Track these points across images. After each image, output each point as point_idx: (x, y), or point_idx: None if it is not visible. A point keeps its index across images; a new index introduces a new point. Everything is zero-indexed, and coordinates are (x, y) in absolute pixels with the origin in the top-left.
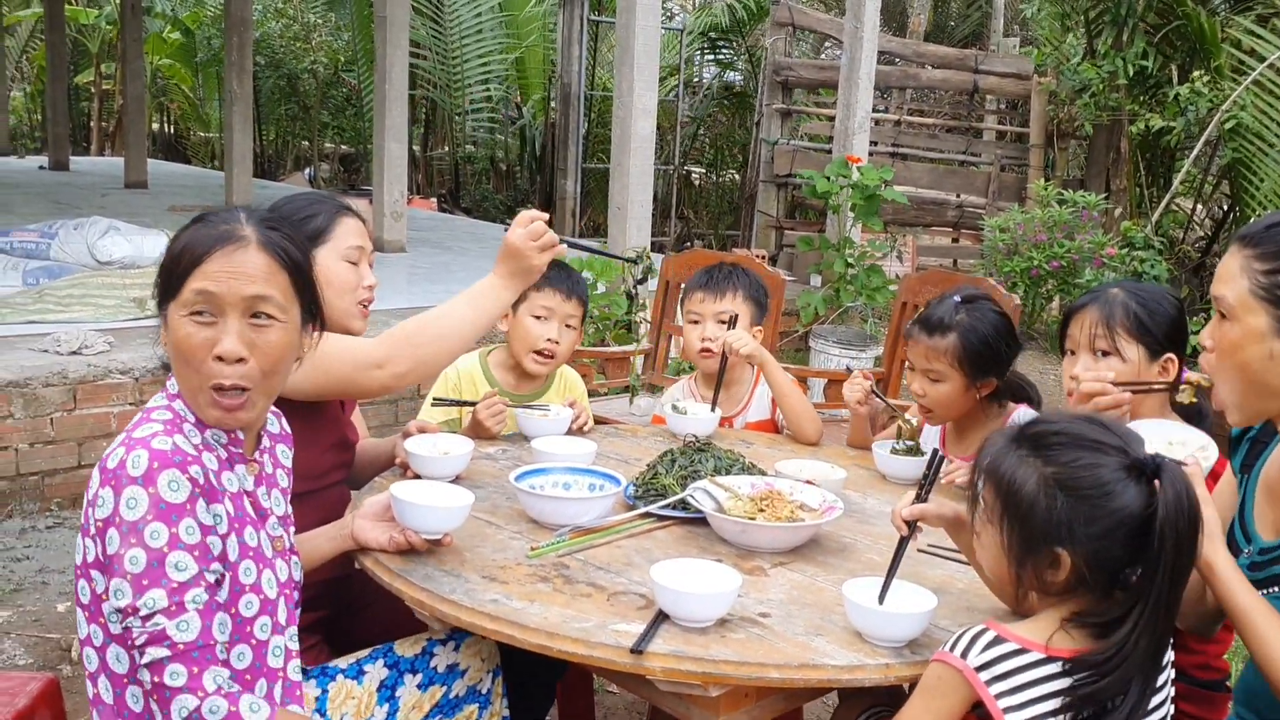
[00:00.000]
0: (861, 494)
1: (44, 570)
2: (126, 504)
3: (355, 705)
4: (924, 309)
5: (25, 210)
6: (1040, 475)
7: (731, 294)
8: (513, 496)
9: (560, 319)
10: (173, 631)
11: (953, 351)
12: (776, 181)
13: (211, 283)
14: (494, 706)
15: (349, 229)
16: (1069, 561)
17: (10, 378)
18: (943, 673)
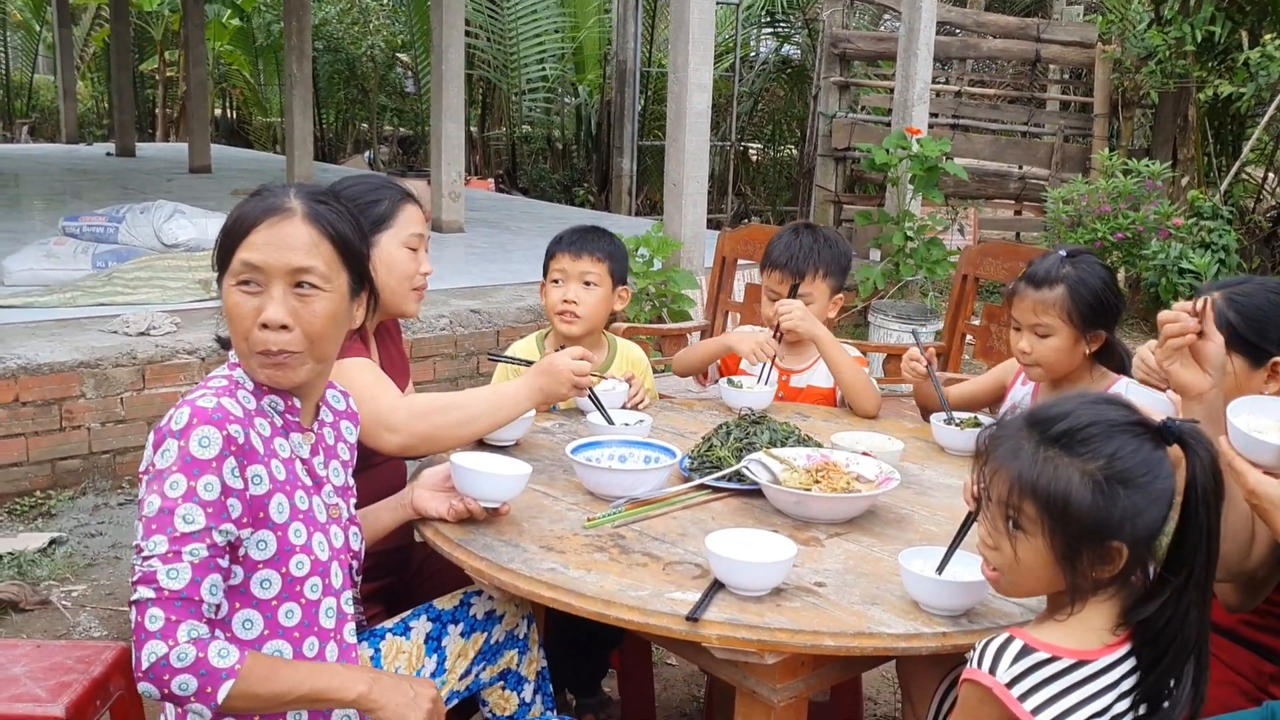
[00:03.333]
0: (919, 465)
1: (116, 545)
2: (161, 454)
3: (407, 659)
4: (1029, 265)
5: (94, 196)
6: (1084, 473)
7: (811, 274)
8: (569, 469)
9: (575, 278)
10: (162, 577)
11: (1061, 304)
12: (834, 156)
13: (256, 253)
14: (532, 652)
15: (411, 216)
16: (1126, 552)
17: (82, 358)
18: (975, 692)
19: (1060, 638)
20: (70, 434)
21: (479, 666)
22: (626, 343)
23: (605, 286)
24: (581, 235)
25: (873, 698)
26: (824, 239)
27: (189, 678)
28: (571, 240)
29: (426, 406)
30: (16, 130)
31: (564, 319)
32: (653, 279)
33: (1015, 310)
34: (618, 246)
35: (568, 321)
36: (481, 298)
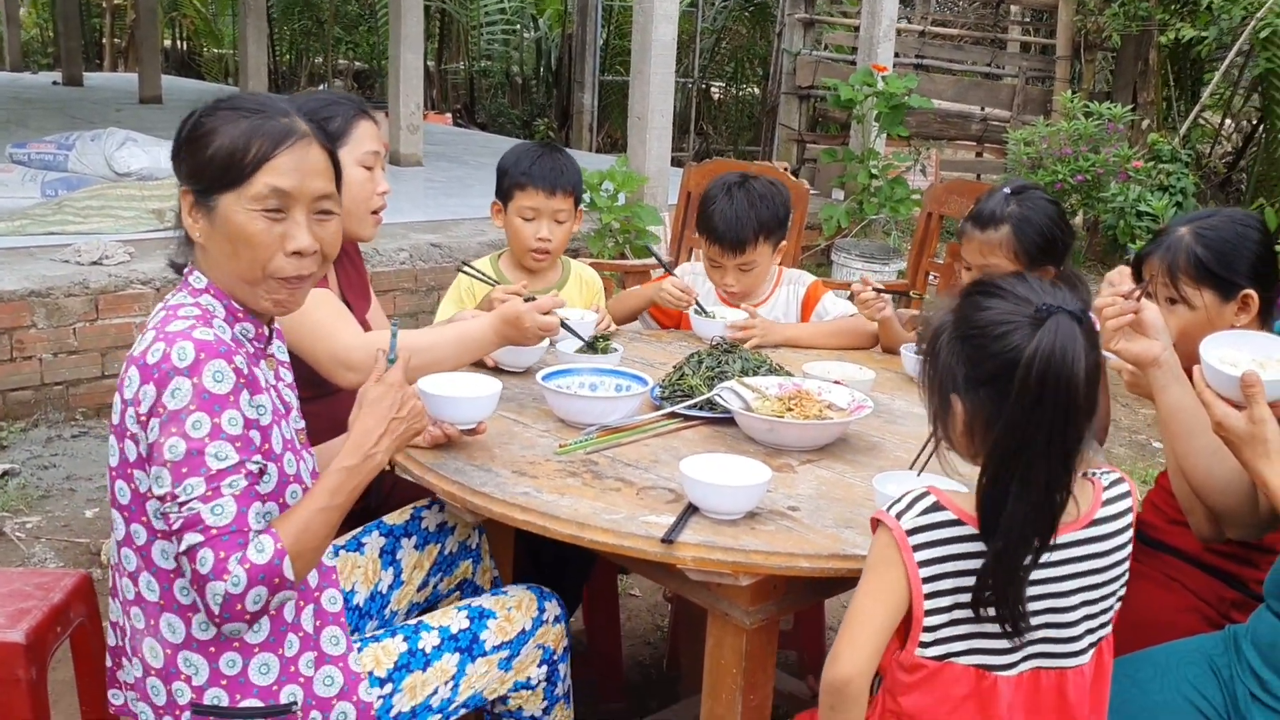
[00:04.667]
0: (889, 395)
1: (71, 477)
2: (171, 394)
3: (363, 573)
4: (975, 205)
5: (40, 124)
6: (946, 322)
7: (752, 243)
8: (539, 397)
9: (548, 216)
10: (207, 516)
11: (1007, 244)
12: (798, 94)
13: (286, 180)
14: (485, 562)
15: (366, 133)
16: (960, 409)
17: (32, 287)
18: (883, 538)
19: (968, 504)
20: (21, 365)
21: (435, 577)
22: (580, 264)
23: (571, 217)
24: (550, 166)
25: (834, 626)
26: (758, 195)
27: (256, 591)
28: (543, 174)
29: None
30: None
31: (536, 257)
32: (616, 214)
33: (964, 251)
34: (576, 168)
35: (539, 259)
36: (441, 231)
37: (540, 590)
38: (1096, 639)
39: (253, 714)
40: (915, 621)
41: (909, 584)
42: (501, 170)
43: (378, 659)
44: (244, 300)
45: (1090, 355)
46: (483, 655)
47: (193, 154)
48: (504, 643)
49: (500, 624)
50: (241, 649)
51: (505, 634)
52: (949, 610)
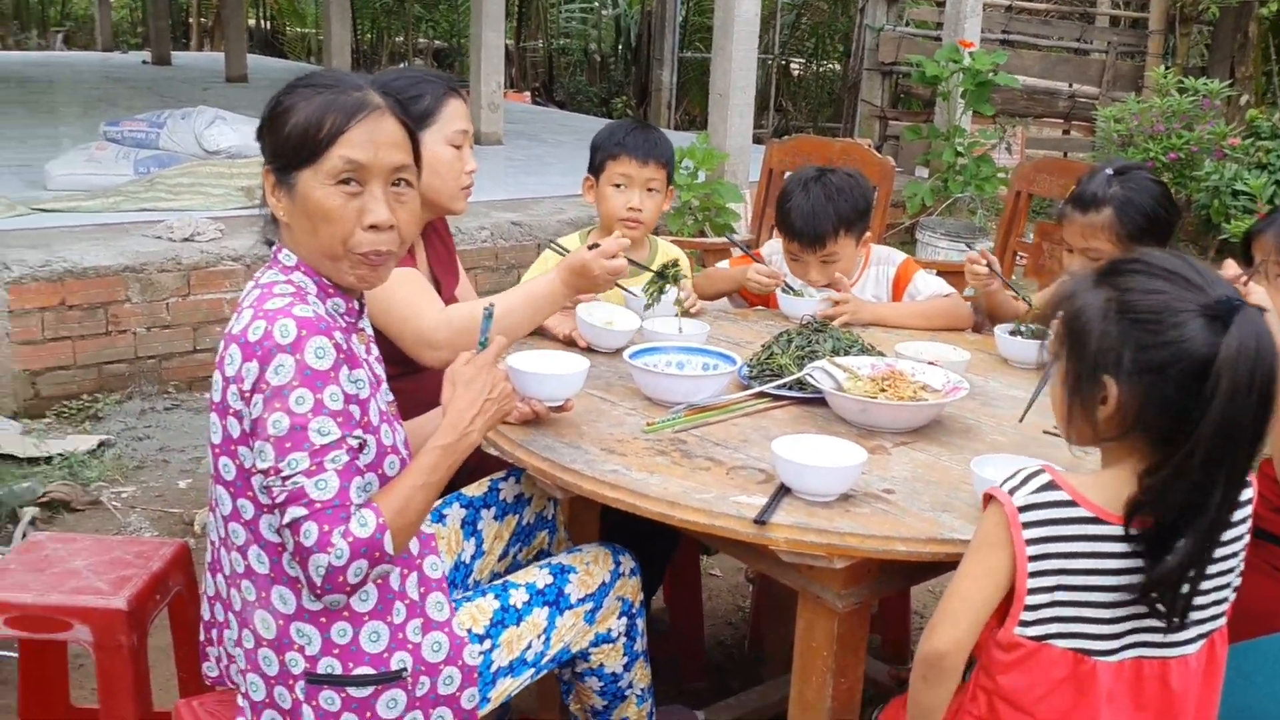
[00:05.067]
0: (983, 377)
1: (164, 449)
2: (274, 370)
3: (446, 543)
4: (1075, 187)
5: (130, 103)
6: (1104, 299)
7: (832, 236)
8: (626, 375)
9: (640, 185)
10: (311, 490)
11: (1110, 227)
12: (881, 70)
13: (360, 152)
14: (560, 533)
15: (455, 111)
16: (1115, 393)
17: (127, 263)
18: (993, 516)
19: (1089, 488)
20: (116, 338)
21: (515, 547)
22: (665, 242)
23: (663, 191)
24: (644, 138)
25: (920, 612)
26: (835, 189)
27: (357, 564)
28: (636, 144)
29: (467, 321)
30: (51, 38)
31: (628, 225)
32: (696, 192)
33: (1065, 233)
34: (670, 146)
35: (631, 228)
36: (522, 210)
37: (613, 546)
38: (1207, 630)
39: (365, 681)
40: (1017, 599)
41: (1014, 562)
42: (595, 145)
43: (474, 617)
44: (330, 276)
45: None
46: (569, 608)
47: (272, 133)
48: (587, 595)
49: (581, 577)
50: (351, 618)
51: (588, 586)
52: (1051, 591)
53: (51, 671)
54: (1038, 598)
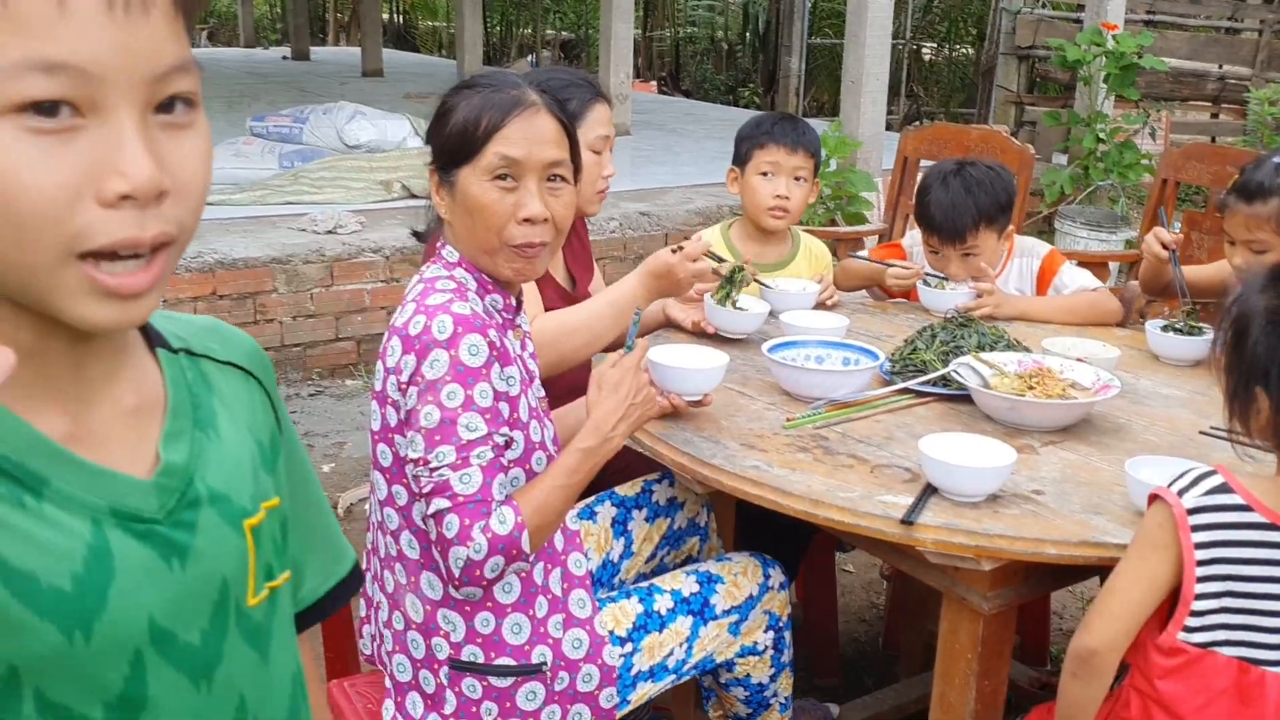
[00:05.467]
0: (1134, 375)
1: (309, 434)
2: (430, 364)
3: (595, 541)
4: (1239, 176)
5: (272, 98)
6: (1264, 306)
7: (972, 231)
8: (763, 369)
9: (787, 173)
10: (455, 483)
11: (1277, 218)
12: (1018, 54)
13: (515, 148)
14: (711, 541)
15: (599, 116)
16: (1266, 406)
17: (274, 255)
18: (1158, 517)
19: (1266, 493)
20: (264, 326)
21: (663, 550)
22: (809, 236)
23: (809, 181)
24: (791, 127)
25: (1059, 613)
26: (975, 181)
27: (494, 560)
28: (784, 132)
29: (555, 333)
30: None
31: (774, 214)
32: (828, 180)
33: (1227, 224)
34: (817, 137)
35: (777, 217)
36: (650, 200)
37: (763, 558)
38: None
39: (505, 672)
40: (1182, 604)
41: (1180, 566)
42: (741, 136)
43: (617, 619)
44: (488, 271)
45: None
46: (714, 619)
47: (436, 133)
48: (733, 607)
49: (728, 589)
50: (495, 609)
51: (734, 599)
52: (1219, 597)
53: None
54: (1205, 604)
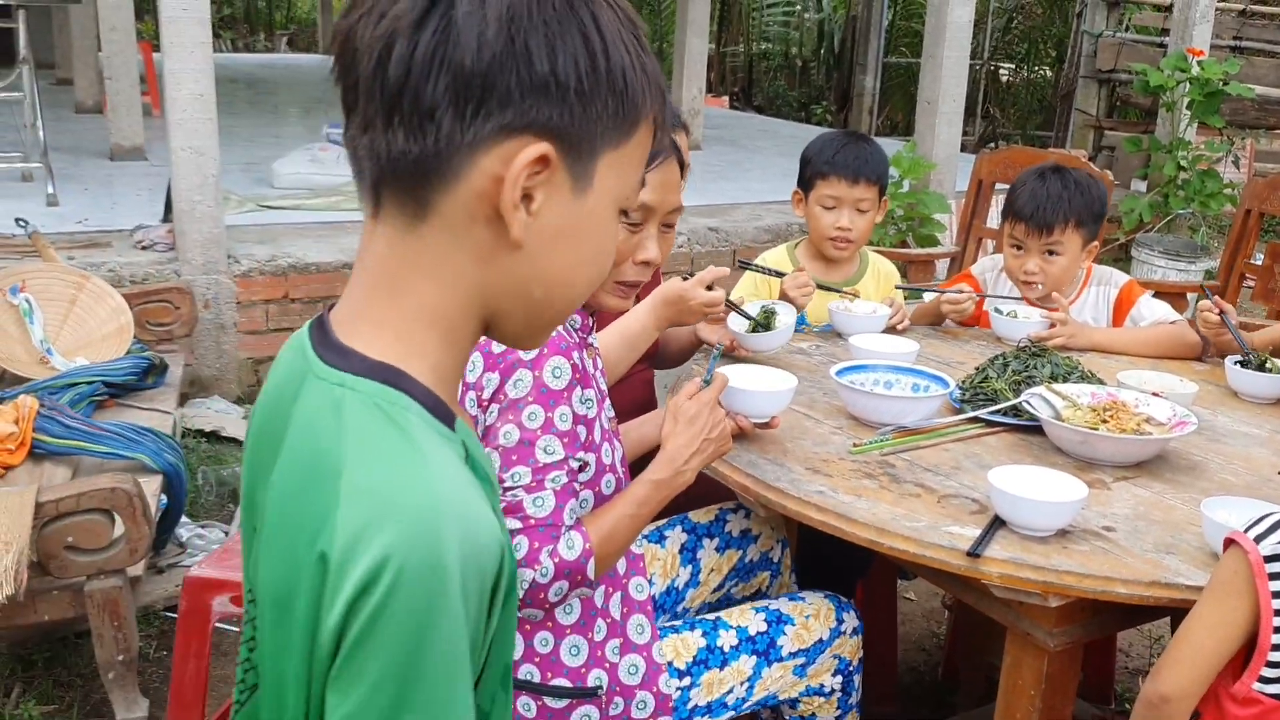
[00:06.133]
0: (1211, 411)
1: None
2: (513, 384)
3: (661, 566)
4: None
5: None
6: None
7: (1061, 226)
8: (830, 392)
9: (849, 205)
10: (529, 506)
11: None
12: (1098, 78)
13: (651, 194)
14: (783, 578)
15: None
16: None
17: (345, 260)
18: (1234, 563)
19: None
20: None
21: (731, 583)
22: (877, 256)
23: (874, 207)
24: (854, 155)
25: (1125, 650)
26: (1074, 183)
27: (559, 585)
28: (845, 163)
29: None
30: (276, 41)
31: (837, 245)
32: (901, 201)
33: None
34: (883, 157)
35: (840, 248)
36: (719, 216)
37: (838, 600)
38: None
39: (561, 693)
40: (1259, 653)
41: (1258, 614)
42: (805, 159)
43: (677, 651)
44: (593, 301)
45: None
46: (779, 660)
47: None
48: (800, 650)
49: (798, 631)
50: (554, 629)
51: (802, 641)
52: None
53: None
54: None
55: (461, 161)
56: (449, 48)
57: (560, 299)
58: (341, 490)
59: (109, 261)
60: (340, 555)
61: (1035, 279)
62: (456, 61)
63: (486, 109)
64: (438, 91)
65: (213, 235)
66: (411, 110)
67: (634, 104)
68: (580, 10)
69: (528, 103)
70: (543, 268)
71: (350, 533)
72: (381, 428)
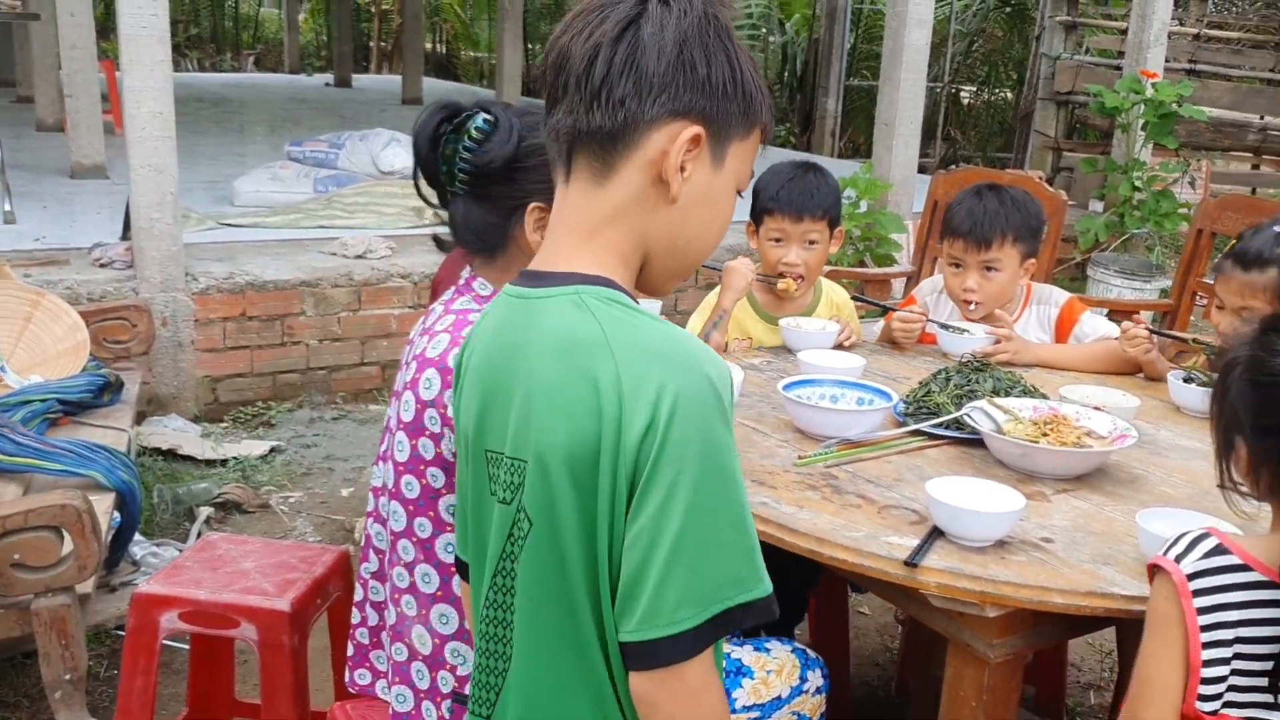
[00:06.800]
0: (1154, 425)
1: (330, 457)
2: None
3: None
4: (1238, 241)
5: (313, 124)
6: (1246, 357)
7: (999, 241)
8: (779, 406)
9: (797, 239)
10: None
11: (1273, 289)
12: (1056, 99)
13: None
14: None
15: None
16: (1244, 454)
17: (304, 277)
18: (1163, 589)
19: (1261, 550)
20: (290, 349)
21: None
22: (831, 284)
23: (825, 239)
24: (800, 190)
25: (1076, 664)
26: (1011, 200)
27: None
28: (792, 199)
29: None
30: (243, 61)
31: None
32: (858, 221)
33: (1220, 289)
34: (833, 189)
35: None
36: None
37: (805, 655)
38: None
39: None
40: (1193, 672)
41: (1187, 634)
42: (755, 191)
43: None
44: None
45: None
46: (732, 712)
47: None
48: (755, 704)
49: (756, 686)
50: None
51: (759, 696)
52: (1228, 662)
53: (219, 665)
54: (1214, 670)
55: (640, 135)
56: (638, 56)
57: (695, 250)
58: (613, 350)
59: (66, 279)
60: (630, 392)
61: (974, 296)
62: (642, 66)
63: (661, 99)
64: (627, 86)
65: (171, 253)
66: (607, 99)
67: (756, 108)
68: (726, 40)
69: (689, 96)
70: (688, 222)
71: (633, 376)
72: (620, 309)
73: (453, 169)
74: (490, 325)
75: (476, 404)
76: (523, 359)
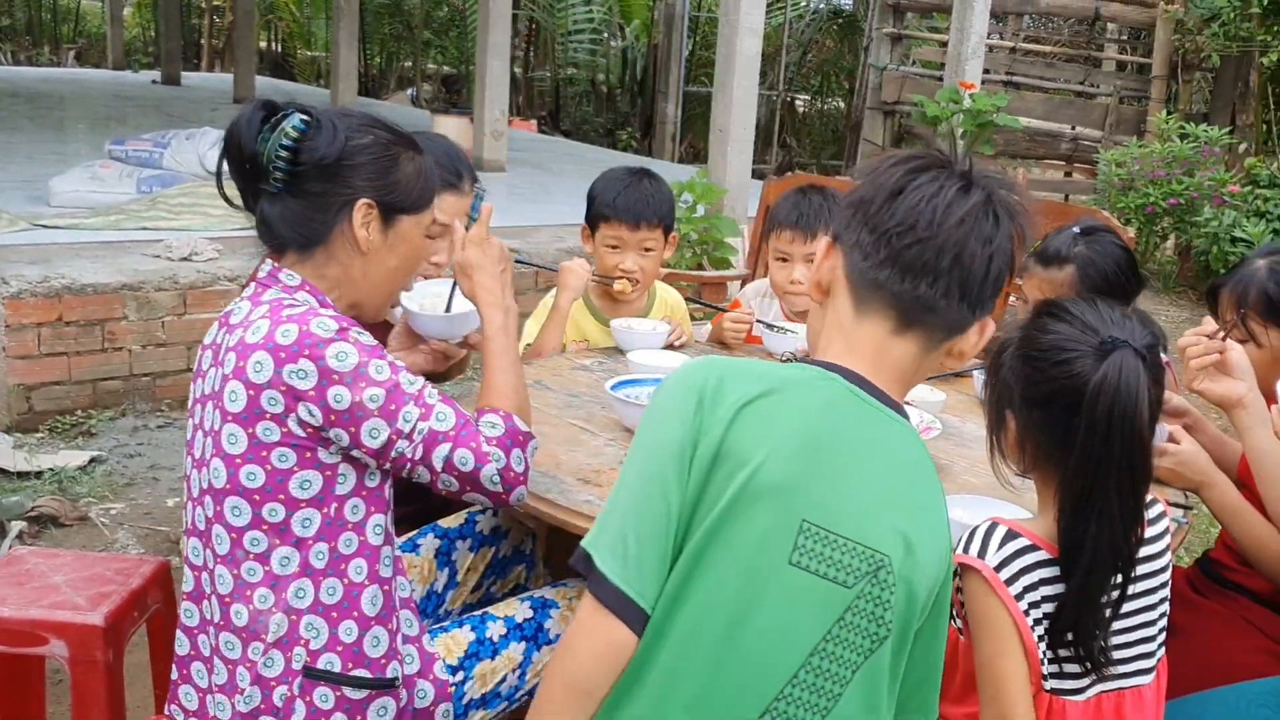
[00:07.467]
0: (960, 418)
1: (155, 467)
2: (336, 358)
3: (419, 572)
4: (1040, 241)
5: (138, 122)
6: (1017, 338)
7: (824, 231)
8: (607, 406)
9: (634, 246)
10: (437, 425)
11: (1070, 284)
12: (884, 109)
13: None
14: (538, 569)
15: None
16: (1013, 426)
17: (125, 280)
18: (976, 588)
19: (1040, 529)
20: (112, 355)
21: (489, 580)
22: (664, 286)
23: (660, 245)
24: (636, 197)
25: None
26: (834, 197)
27: (515, 454)
28: (627, 206)
29: None
30: (63, 55)
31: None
32: (695, 225)
33: (1025, 285)
34: (667, 196)
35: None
36: (521, 237)
37: None
38: (1154, 661)
39: (360, 684)
40: (1032, 656)
41: (1016, 623)
42: (590, 197)
43: (448, 648)
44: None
45: (1153, 392)
46: (548, 643)
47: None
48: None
49: (563, 613)
50: (359, 619)
51: (569, 623)
52: (1043, 639)
53: (28, 686)
54: (1042, 648)
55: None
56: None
57: None
58: (939, 494)
59: None
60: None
61: (800, 289)
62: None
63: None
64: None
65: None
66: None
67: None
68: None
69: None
70: None
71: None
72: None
73: (270, 166)
74: (809, 405)
75: (799, 464)
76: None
